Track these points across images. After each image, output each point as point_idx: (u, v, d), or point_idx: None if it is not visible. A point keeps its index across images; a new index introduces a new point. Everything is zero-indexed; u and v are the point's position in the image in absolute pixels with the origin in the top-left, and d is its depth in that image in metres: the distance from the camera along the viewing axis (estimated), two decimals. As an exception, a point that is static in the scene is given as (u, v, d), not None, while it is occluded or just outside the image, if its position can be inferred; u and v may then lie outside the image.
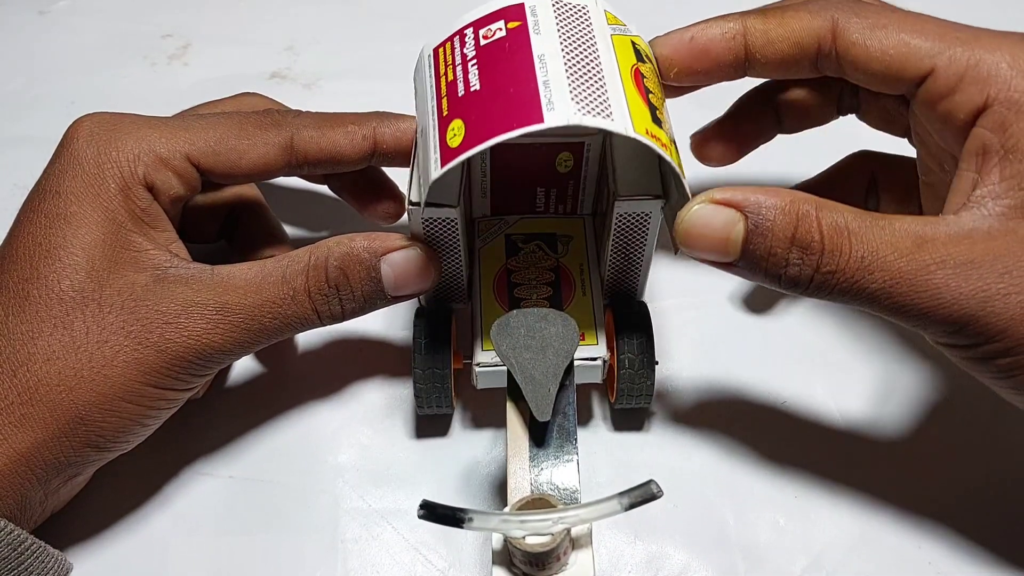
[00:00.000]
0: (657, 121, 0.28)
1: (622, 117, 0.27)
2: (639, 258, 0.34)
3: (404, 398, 0.37)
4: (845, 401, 0.37)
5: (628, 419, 0.36)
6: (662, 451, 0.35)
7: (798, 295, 0.28)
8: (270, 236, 0.38)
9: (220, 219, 0.38)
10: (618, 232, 0.32)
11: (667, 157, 0.27)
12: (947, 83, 0.28)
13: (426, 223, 0.32)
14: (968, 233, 0.27)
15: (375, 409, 0.37)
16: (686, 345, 0.38)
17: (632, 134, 0.27)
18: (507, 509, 0.28)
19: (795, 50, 0.31)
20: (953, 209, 0.28)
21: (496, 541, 0.28)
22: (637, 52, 0.30)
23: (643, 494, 0.26)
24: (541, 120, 0.27)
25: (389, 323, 0.39)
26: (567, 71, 0.28)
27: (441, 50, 0.31)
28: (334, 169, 0.35)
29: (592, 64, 0.28)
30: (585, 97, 0.27)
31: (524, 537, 0.27)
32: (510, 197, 0.37)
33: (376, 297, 0.31)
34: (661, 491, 0.26)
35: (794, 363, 0.38)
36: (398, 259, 0.31)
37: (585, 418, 0.36)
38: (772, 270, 0.27)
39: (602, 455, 0.35)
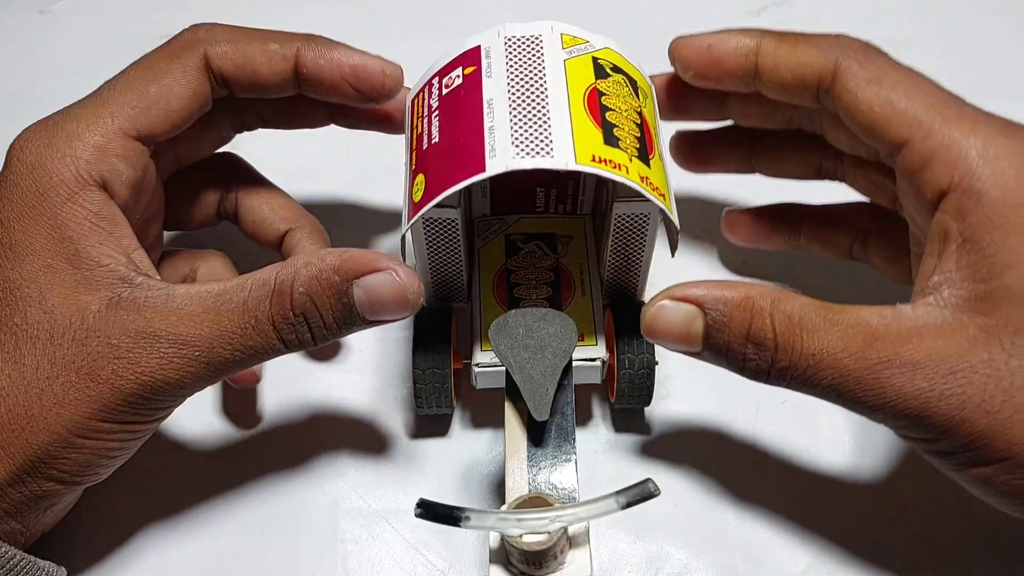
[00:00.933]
0: (613, 140, 0.29)
1: (564, 150, 0.28)
2: (638, 259, 0.34)
3: (404, 398, 0.37)
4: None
5: (628, 419, 0.36)
6: (662, 451, 0.36)
7: (764, 383, 0.28)
8: (277, 207, 0.36)
9: (215, 200, 0.37)
10: (617, 233, 0.32)
11: (616, 178, 0.28)
12: (920, 158, 0.28)
13: (427, 224, 0.32)
14: (918, 330, 0.27)
15: (375, 409, 0.37)
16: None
17: (572, 167, 0.27)
18: (504, 508, 0.28)
19: (797, 81, 0.32)
20: (916, 292, 0.28)
21: (493, 540, 0.28)
22: (599, 68, 0.31)
23: (640, 492, 0.26)
24: (483, 169, 0.27)
25: (391, 327, 0.39)
26: (511, 113, 0.28)
27: (416, 101, 0.32)
28: (256, 92, 0.33)
29: (538, 100, 0.29)
30: (526, 138, 0.28)
31: (521, 536, 0.27)
32: (510, 196, 0.37)
33: (349, 323, 0.29)
34: (658, 489, 0.26)
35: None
36: (373, 283, 0.28)
37: (585, 418, 0.36)
38: (733, 362, 0.28)
39: (602, 455, 0.35)
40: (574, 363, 0.32)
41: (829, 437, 0.36)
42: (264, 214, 0.36)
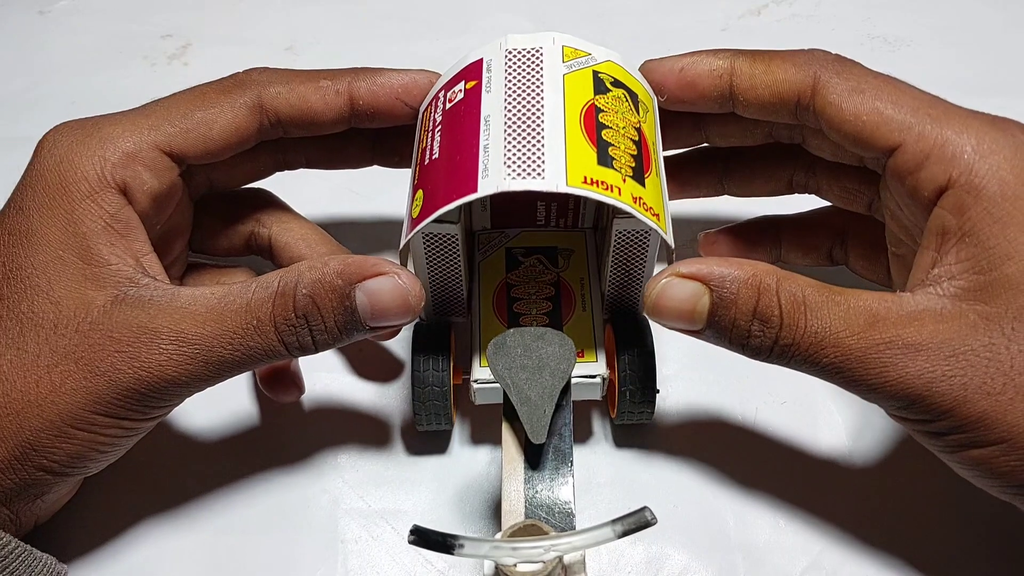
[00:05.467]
0: (607, 160, 0.28)
1: (555, 171, 0.28)
2: (639, 274, 0.33)
3: (404, 398, 0.37)
4: (844, 401, 0.37)
5: (628, 429, 0.36)
6: (662, 454, 0.36)
7: (761, 361, 0.29)
8: (314, 243, 0.36)
9: (245, 232, 0.37)
10: (618, 249, 0.32)
11: (607, 200, 0.28)
12: (914, 159, 0.29)
13: (426, 239, 0.32)
14: (919, 314, 0.27)
15: (375, 410, 0.37)
16: (685, 348, 0.38)
17: (563, 189, 0.27)
18: (499, 536, 0.28)
19: (775, 99, 0.32)
20: (913, 285, 0.29)
21: (487, 567, 0.28)
22: (599, 83, 0.30)
23: (637, 521, 0.26)
24: (475, 189, 0.27)
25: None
26: (506, 131, 0.28)
27: (425, 114, 0.32)
28: (310, 130, 0.34)
29: (533, 117, 0.29)
30: (518, 158, 0.28)
31: (515, 565, 0.26)
32: (510, 210, 0.37)
33: (351, 328, 0.29)
34: (655, 518, 0.26)
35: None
36: (375, 287, 0.28)
37: (585, 435, 0.36)
38: (736, 340, 0.28)
39: (602, 456, 0.35)
40: (574, 380, 0.32)
41: (828, 438, 0.36)
42: (301, 250, 0.36)
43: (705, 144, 0.37)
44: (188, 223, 0.35)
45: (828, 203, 0.37)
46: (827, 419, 0.36)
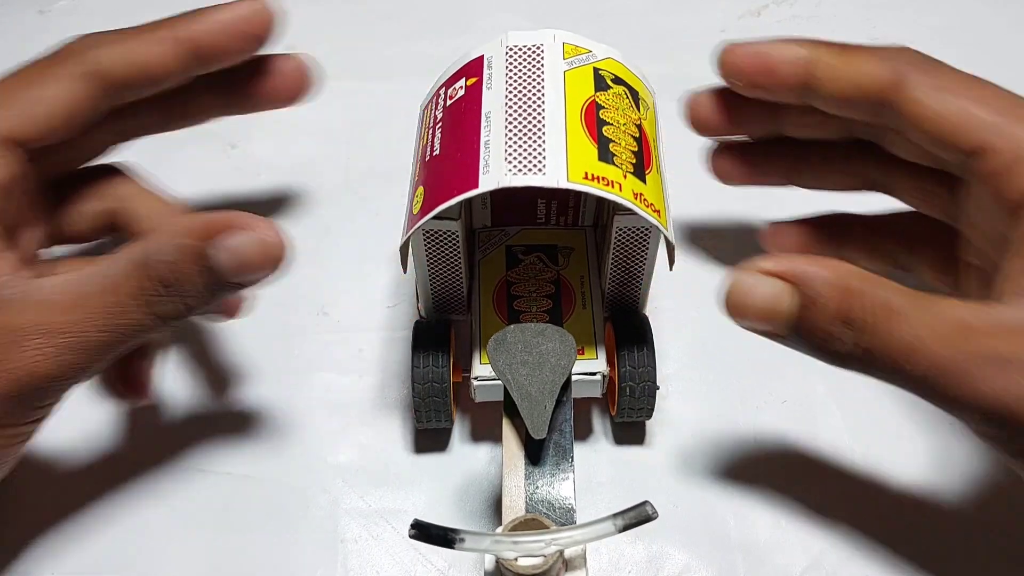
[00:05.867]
0: (608, 156, 0.29)
1: (556, 167, 0.28)
2: (640, 272, 0.33)
3: (404, 398, 0.37)
4: (845, 400, 0.37)
5: (628, 427, 0.36)
6: (662, 453, 0.35)
7: (840, 367, 0.27)
8: (169, 216, 0.34)
9: (99, 213, 0.34)
10: (618, 246, 0.32)
11: (608, 196, 0.28)
12: (1003, 162, 0.28)
13: (427, 235, 0.32)
14: (1014, 326, 0.25)
15: (375, 409, 0.37)
16: (685, 347, 0.38)
17: (564, 184, 0.27)
18: (500, 530, 0.28)
19: (857, 93, 0.31)
20: (1002, 294, 0.27)
21: (488, 562, 0.28)
22: (599, 80, 0.30)
23: (638, 515, 0.26)
24: (476, 185, 0.28)
25: (390, 327, 0.39)
26: (507, 127, 0.29)
27: (426, 111, 0.32)
28: (155, 88, 0.32)
29: (533, 114, 0.29)
30: (519, 154, 0.28)
31: (516, 559, 0.26)
32: (511, 208, 0.37)
33: (216, 287, 0.27)
34: (656, 512, 0.26)
35: (794, 363, 0.38)
36: (232, 243, 0.26)
37: (585, 432, 0.36)
38: (819, 344, 0.27)
39: (602, 454, 0.35)
40: (574, 377, 0.32)
41: (828, 437, 0.36)
42: (157, 224, 0.34)
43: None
44: (42, 210, 0.33)
45: (898, 204, 0.36)
46: (827, 418, 0.36)
